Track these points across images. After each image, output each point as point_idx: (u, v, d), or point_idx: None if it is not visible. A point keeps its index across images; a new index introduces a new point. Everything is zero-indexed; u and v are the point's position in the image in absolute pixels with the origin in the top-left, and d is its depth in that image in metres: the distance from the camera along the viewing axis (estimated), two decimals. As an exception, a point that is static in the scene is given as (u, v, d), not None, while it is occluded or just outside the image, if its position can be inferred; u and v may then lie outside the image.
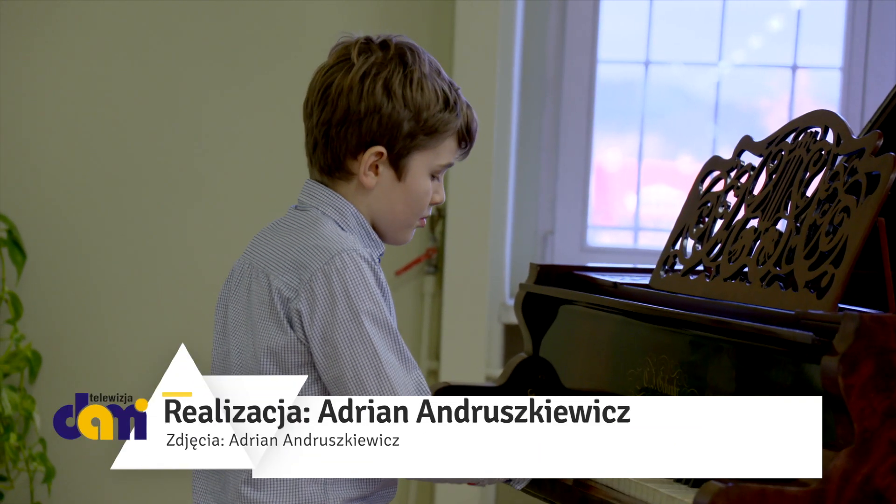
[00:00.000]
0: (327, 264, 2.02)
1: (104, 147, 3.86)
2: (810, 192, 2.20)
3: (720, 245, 2.34)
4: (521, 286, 2.63)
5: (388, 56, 2.09)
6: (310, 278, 2.02)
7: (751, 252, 2.25)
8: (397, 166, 2.10)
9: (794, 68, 3.86)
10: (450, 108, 2.10)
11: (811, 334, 1.92)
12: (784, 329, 1.97)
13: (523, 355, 2.64)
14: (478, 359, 3.72)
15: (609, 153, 3.96)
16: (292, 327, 2.03)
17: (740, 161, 2.42)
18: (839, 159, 2.17)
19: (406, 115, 2.08)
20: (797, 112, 3.80)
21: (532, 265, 2.64)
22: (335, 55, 2.11)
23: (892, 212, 2.17)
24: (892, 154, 2.05)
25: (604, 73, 3.90)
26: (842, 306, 2.03)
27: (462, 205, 3.72)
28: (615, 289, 2.48)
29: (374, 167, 2.10)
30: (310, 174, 2.16)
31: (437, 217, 3.76)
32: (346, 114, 2.07)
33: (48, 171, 3.86)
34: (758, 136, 2.43)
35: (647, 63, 3.90)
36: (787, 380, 1.98)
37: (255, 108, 3.83)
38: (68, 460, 3.81)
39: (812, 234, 2.12)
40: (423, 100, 2.08)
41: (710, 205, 2.43)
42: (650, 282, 2.47)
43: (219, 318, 2.14)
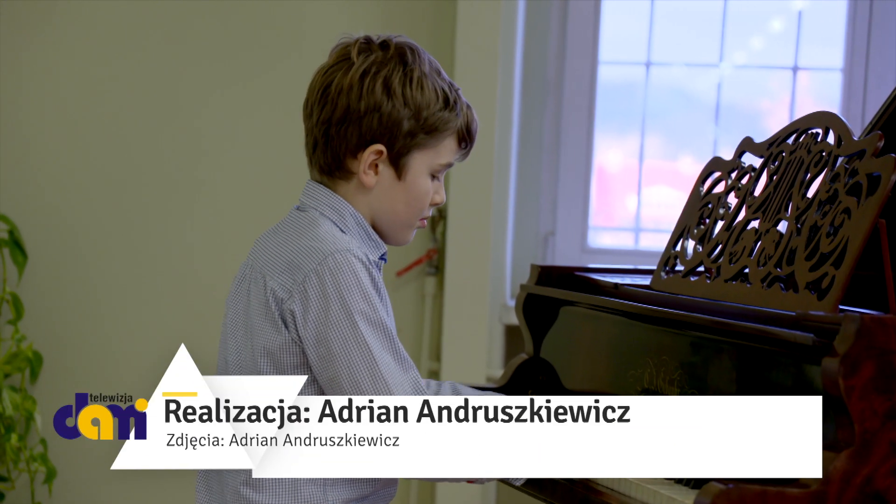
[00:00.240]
0: (320, 265, 2.02)
1: (105, 148, 3.86)
2: (811, 194, 2.20)
3: (721, 246, 2.34)
4: (522, 287, 2.63)
5: (388, 55, 2.09)
6: (303, 279, 2.02)
7: (751, 253, 2.25)
8: (397, 165, 2.10)
9: (794, 69, 3.86)
10: (450, 107, 2.11)
11: (812, 335, 1.91)
12: (785, 330, 1.97)
13: (524, 356, 2.64)
14: (479, 360, 3.71)
15: (610, 154, 3.96)
16: (287, 328, 2.03)
17: (741, 162, 2.42)
18: (840, 160, 2.16)
19: (406, 113, 2.08)
20: (798, 113, 3.80)
21: (533, 266, 2.64)
22: (335, 55, 2.12)
23: (892, 213, 2.17)
24: (893, 155, 2.05)
25: (605, 74, 3.90)
26: (842, 307, 2.03)
27: (463, 206, 3.71)
28: (616, 290, 2.48)
29: (374, 166, 2.10)
30: (310, 174, 2.16)
31: (438, 218, 3.76)
32: (346, 112, 2.07)
33: (49, 172, 3.86)
34: (759, 137, 2.42)
35: (648, 64, 3.90)
36: (788, 381, 1.98)
37: (255, 109, 3.83)
38: (69, 461, 3.81)
39: (813, 236, 2.12)
40: (423, 98, 2.09)
41: (710, 206, 2.43)
42: (651, 283, 2.47)
43: (225, 318, 2.15)
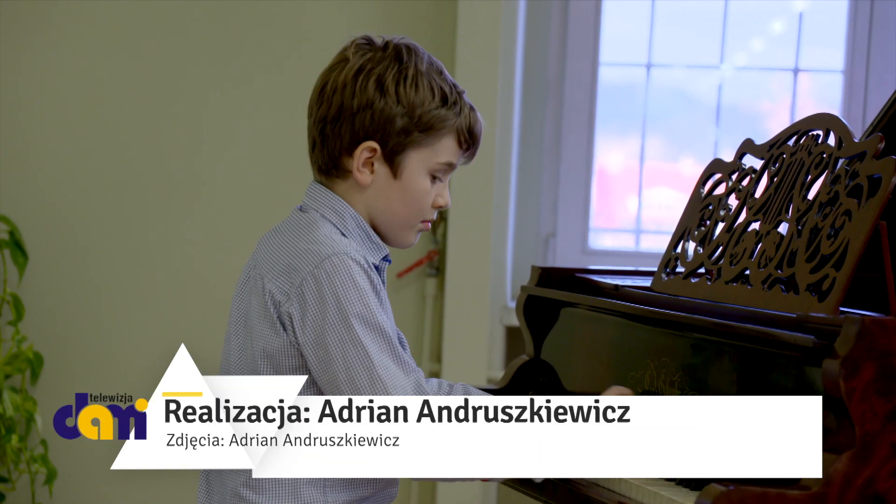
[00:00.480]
0: (317, 268, 2.02)
1: (105, 148, 3.86)
2: (812, 196, 2.20)
3: (721, 248, 2.34)
4: (523, 288, 2.63)
5: (384, 54, 2.10)
6: (300, 282, 2.02)
7: (752, 255, 2.25)
8: (392, 163, 2.10)
9: (795, 71, 3.86)
10: (447, 105, 2.10)
11: (812, 337, 1.91)
12: (785, 332, 1.97)
13: (525, 358, 2.64)
14: (479, 361, 3.71)
15: (611, 156, 3.96)
16: (285, 331, 2.03)
17: (742, 164, 2.42)
18: (840, 162, 2.16)
19: (399, 110, 2.08)
20: (799, 115, 3.79)
21: (533, 267, 2.64)
22: (336, 57, 2.12)
23: (893, 215, 2.16)
24: (894, 157, 2.05)
25: (605, 75, 3.90)
26: (843, 309, 2.03)
27: (463, 207, 3.71)
28: (617, 291, 2.48)
29: (370, 164, 2.10)
30: (313, 175, 2.16)
31: (439, 219, 3.76)
32: (340, 110, 2.08)
33: (49, 173, 3.86)
34: (759, 138, 2.42)
35: (648, 66, 3.90)
36: (789, 383, 1.97)
37: (256, 109, 3.83)
38: (70, 462, 3.81)
39: (813, 238, 2.12)
40: (417, 96, 2.09)
41: (711, 207, 2.43)
42: (651, 284, 2.47)
43: (230, 319, 2.15)
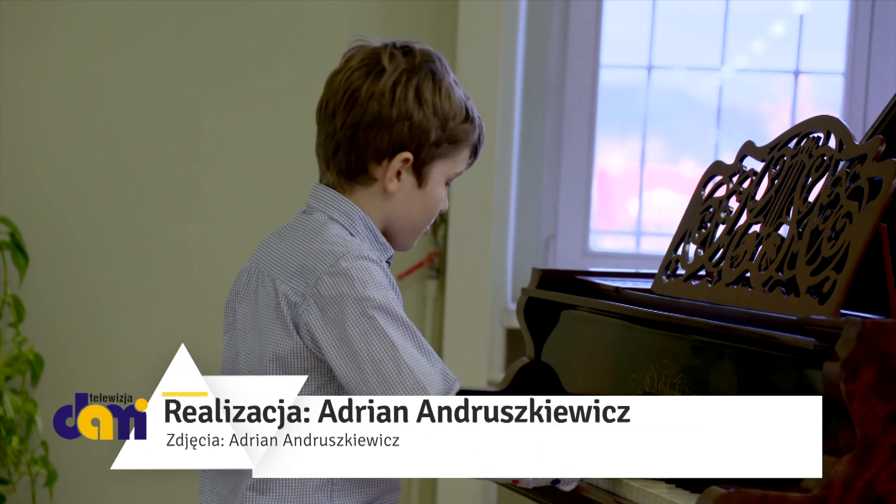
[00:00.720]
0: (333, 266, 2.02)
1: (106, 150, 3.86)
2: (812, 198, 2.20)
3: (722, 250, 2.34)
4: (524, 290, 2.63)
5: (416, 63, 2.11)
6: (316, 282, 2.02)
7: (753, 257, 2.25)
8: (419, 173, 2.12)
9: (796, 73, 3.86)
10: (470, 119, 2.14)
11: (813, 340, 1.91)
12: (786, 334, 1.97)
13: (525, 360, 2.64)
14: (480, 363, 3.72)
15: (611, 157, 3.96)
16: (299, 333, 2.03)
17: (742, 166, 2.42)
18: (841, 165, 2.17)
19: (435, 123, 2.10)
20: (799, 117, 3.80)
21: (534, 269, 2.64)
22: (359, 59, 2.11)
23: (894, 217, 2.17)
24: (895, 160, 2.05)
25: (606, 77, 3.90)
26: (844, 312, 2.03)
27: (464, 209, 3.72)
28: (617, 293, 2.48)
29: (398, 173, 2.11)
30: (320, 177, 2.16)
31: (440, 221, 3.76)
32: (377, 118, 2.08)
33: (50, 174, 3.87)
34: (760, 141, 2.43)
35: (649, 68, 3.90)
36: (789, 385, 1.98)
37: (256, 110, 3.83)
38: (70, 464, 3.81)
39: (814, 240, 2.12)
40: (451, 109, 2.12)
41: (712, 210, 2.43)
42: (652, 287, 2.47)
43: (227, 321, 2.15)
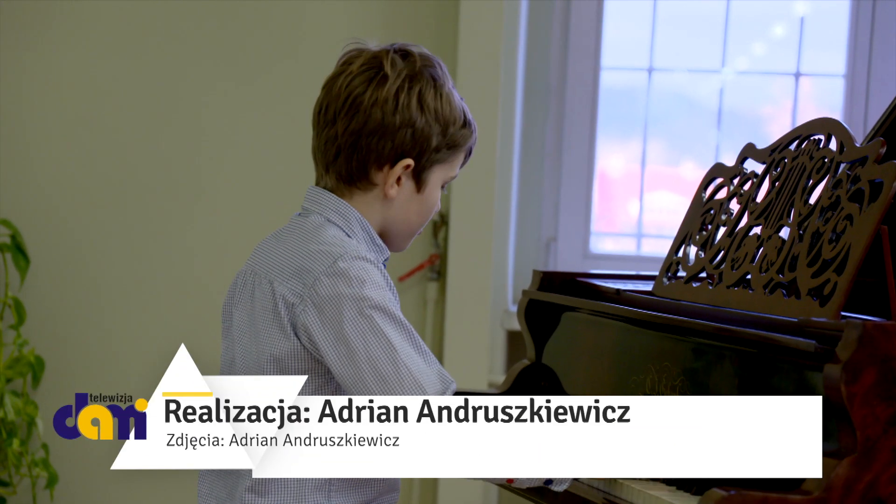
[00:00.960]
0: (330, 267, 2.02)
1: (106, 152, 3.86)
2: (813, 200, 2.20)
3: (723, 252, 2.34)
4: (524, 293, 2.63)
5: (417, 68, 2.10)
6: (313, 282, 2.02)
7: (754, 259, 2.25)
8: (419, 179, 2.13)
9: (797, 75, 3.86)
10: (468, 123, 2.15)
11: (814, 342, 1.91)
12: (787, 337, 1.97)
13: (526, 362, 2.64)
14: (480, 365, 3.71)
15: (612, 159, 3.96)
16: (297, 334, 2.03)
17: (743, 168, 2.43)
18: (842, 167, 2.17)
19: (436, 129, 2.11)
20: (800, 119, 3.80)
21: (535, 272, 2.64)
22: (359, 64, 2.10)
23: (894, 220, 2.16)
24: (895, 162, 2.05)
25: (607, 79, 3.90)
26: (845, 314, 2.03)
27: (465, 211, 3.72)
28: (618, 296, 2.48)
29: (398, 179, 2.11)
30: (317, 180, 2.16)
31: (440, 223, 3.76)
32: (381, 125, 2.08)
33: (51, 176, 3.87)
34: (761, 143, 2.43)
35: (650, 70, 3.90)
36: (790, 387, 1.97)
37: (256, 111, 3.83)
38: (71, 466, 3.81)
39: (815, 242, 2.12)
40: (451, 115, 2.12)
41: (713, 212, 2.43)
42: (653, 289, 2.47)
43: (225, 326, 2.15)
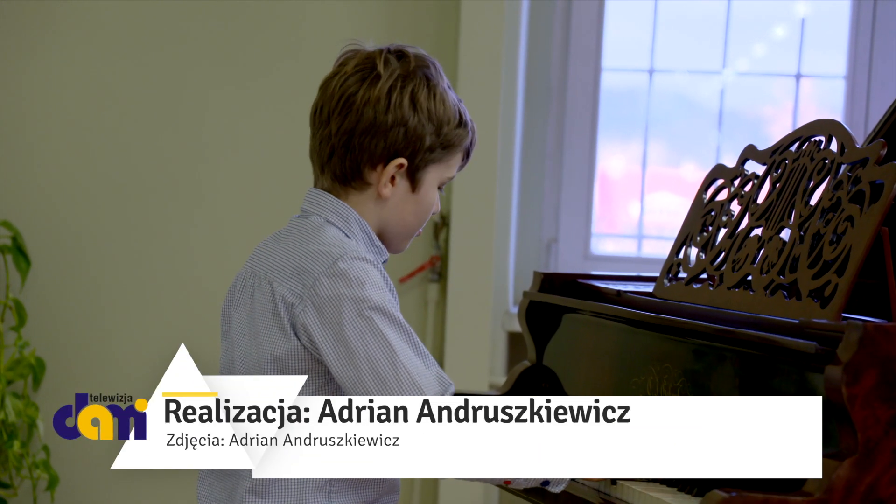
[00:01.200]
0: (330, 267, 2.03)
1: (106, 153, 3.86)
2: (814, 201, 2.20)
3: (724, 254, 2.34)
4: (525, 294, 2.63)
5: (411, 68, 2.10)
6: (313, 283, 2.02)
7: (754, 261, 2.25)
8: (413, 178, 2.13)
9: (798, 76, 3.86)
10: (463, 123, 2.14)
11: (815, 343, 1.91)
12: (788, 338, 1.97)
13: (527, 363, 2.64)
14: (481, 366, 3.71)
15: (613, 161, 3.96)
16: (297, 335, 2.03)
17: (744, 170, 2.43)
18: (843, 168, 2.17)
19: (430, 129, 2.10)
20: (801, 120, 3.80)
21: (536, 273, 2.64)
22: (354, 64, 2.11)
23: (895, 221, 2.16)
24: (896, 163, 2.06)
25: (608, 80, 3.90)
26: (845, 315, 2.03)
27: (466, 212, 3.72)
28: (619, 297, 2.48)
29: (392, 178, 2.11)
30: (314, 181, 2.16)
31: (441, 225, 3.76)
32: (372, 124, 2.08)
33: (52, 178, 3.87)
34: (762, 144, 2.43)
35: (651, 71, 3.90)
36: (791, 388, 1.97)
37: (257, 112, 3.83)
38: (72, 467, 3.81)
39: (816, 243, 2.12)
40: (445, 114, 2.12)
41: (713, 213, 2.43)
42: (654, 290, 2.47)
43: (224, 327, 2.15)
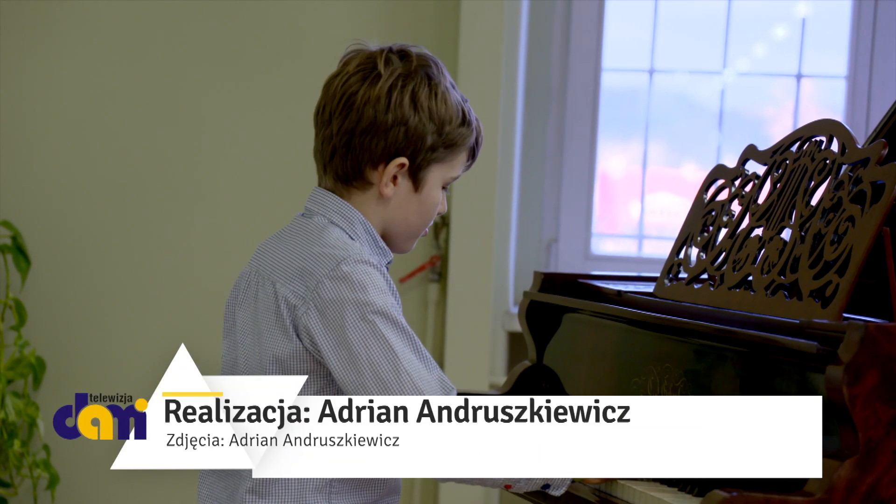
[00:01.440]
0: (334, 270, 2.02)
1: (106, 153, 3.86)
2: (815, 202, 2.20)
3: (724, 254, 2.34)
4: (525, 294, 2.63)
5: (412, 67, 2.10)
6: (316, 285, 2.02)
7: (755, 261, 2.25)
8: (416, 178, 2.12)
9: (798, 77, 3.86)
10: (466, 122, 2.14)
11: (816, 343, 1.91)
12: (788, 338, 1.97)
13: (527, 363, 2.64)
14: (481, 367, 3.71)
15: (613, 161, 3.96)
16: (299, 336, 2.03)
17: (745, 170, 2.42)
18: (844, 168, 2.17)
19: (431, 128, 2.10)
20: (802, 121, 3.80)
21: (536, 273, 2.64)
22: (356, 64, 2.11)
23: (896, 221, 2.17)
24: (897, 163, 2.06)
25: (608, 81, 3.90)
26: (846, 315, 2.03)
27: (466, 212, 3.71)
28: (619, 297, 2.48)
29: (394, 178, 2.11)
30: (318, 181, 2.16)
31: (441, 225, 3.76)
32: (373, 124, 2.08)
33: (52, 178, 3.87)
34: (762, 144, 2.43)
35: (651, 71, 3.90)
36: (792, 389, 1.97)
37: (257, 112, 3.83)
38: (72, 467, 3.81)
39: (816, 243, 2.12)
40: (447, 113, 2.11)
41: (714, 213, 2.43)
42: (654, 290, 2.47)
43: (227, 325, 2.15)
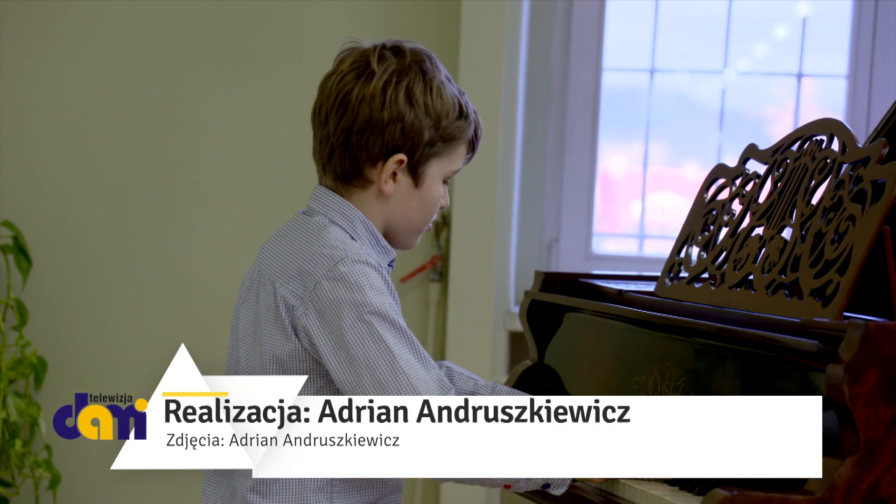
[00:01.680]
0: (331, 270, 2.02)
1: (108, 153, 3.87)
2: (815, 201, 2.20)
3: (725, 253, 2.34)
4: (527, 294, 2.63)
5: (406, 63, 2.10)
6: (314, 285, 2.02)
7: (756, 260, 2.25)
8: (415, 174, 2.12)
9: (799, 76, 3.86)
10: (464, 115, 2.13)
11: (816, 342, 1.91)
12: (789, 337, 1.97)
13: (528, 363, 2.64)
14: (483, 366, 3.71)
15: (614, 161, 3.96)
16: (297, 336, 2.03)
17: (745, 169, 2.43)
18: (844, 167, 2.17)
19: (427, 123, 2.09)
20: (802, 120, 3.80)
21: (537, 273, 2.64)
22: (350, 62, 2.11)
23: (897, 220, 2.17)
24: (898, 162, 2.06)
25: (609, 80, 3.90)
26: (847, 314, 2.03)
27: (467, 212, 3.72)
28: (620, 296, 2.48)
29: (393, 175, 2.11)
30: (319, 180, 2.16)
31: (443, 224, 3.76)
32: (369, 122, 2.08)
33: (53, 178, 3.87)
34: (763, 143, 2.43)
35: (652, 71, 3.90)
36: (792, 388, 1.97)
37: (258, 112, 3.83)
38: (73, 467, 3.81)
39: (817, 243, 2.12)
40: (443, 107, 2.10)
41: (715, 213, 2.43)
42: (655, 289, 2.47)
43: (233, 324, 2.15)
